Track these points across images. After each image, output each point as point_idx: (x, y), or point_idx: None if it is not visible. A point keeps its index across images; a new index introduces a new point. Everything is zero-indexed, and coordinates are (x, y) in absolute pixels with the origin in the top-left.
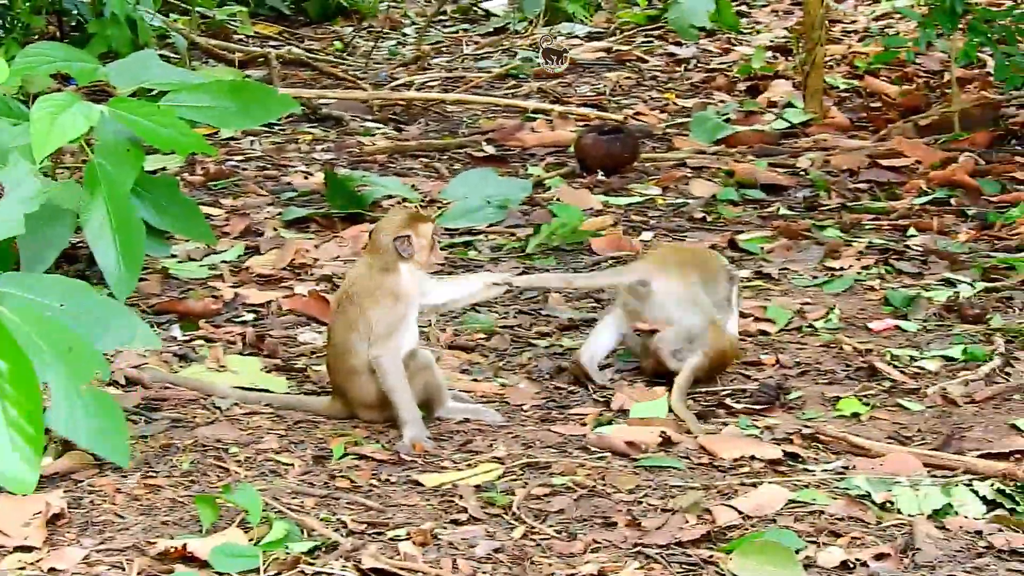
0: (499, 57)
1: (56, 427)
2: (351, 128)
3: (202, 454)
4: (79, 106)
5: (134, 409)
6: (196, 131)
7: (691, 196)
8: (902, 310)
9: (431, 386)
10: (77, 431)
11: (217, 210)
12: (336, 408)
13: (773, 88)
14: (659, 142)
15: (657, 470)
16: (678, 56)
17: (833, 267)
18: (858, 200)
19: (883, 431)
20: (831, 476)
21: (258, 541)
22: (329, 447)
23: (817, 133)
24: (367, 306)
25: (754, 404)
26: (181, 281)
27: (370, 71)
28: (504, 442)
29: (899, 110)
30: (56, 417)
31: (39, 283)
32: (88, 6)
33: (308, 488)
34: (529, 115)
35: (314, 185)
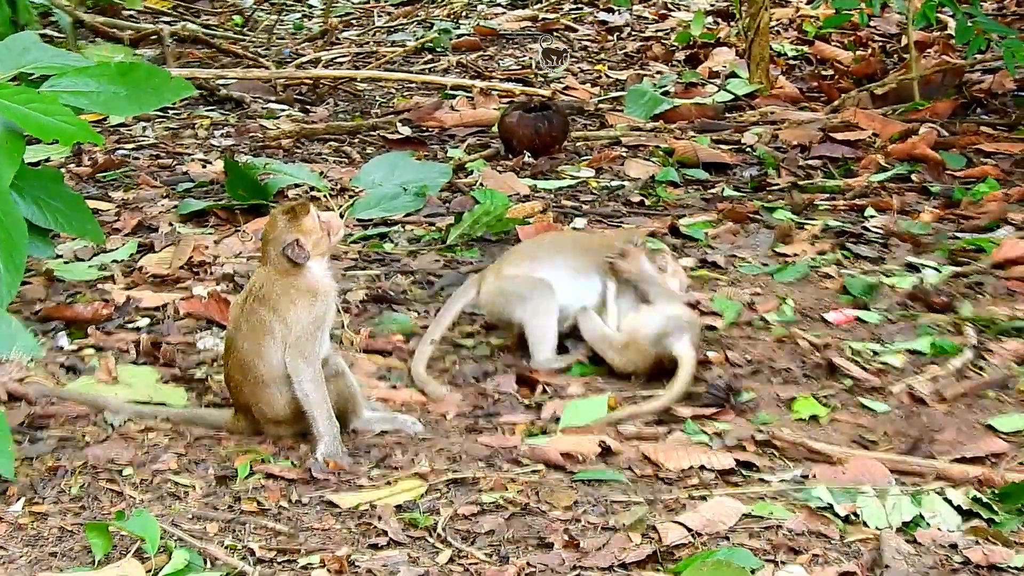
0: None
1: None
2: (253, 111)
3: (93, 477)
4: None
5: (18, 428)
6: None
7: (627, 177)
8: (862, 299)
9: (345, 395)
10: None
11: (106, 204)
12: (241, 423)
13: (715, 57)
14: (591, 119)
15: (596, 484)
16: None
17: (785, 253)
18: (810, 178)
19: (845, 435)
20: (789, 486)
21: (156, 572)
22: (233, 466)
23: (764, 105)
24: (282, 307)
25: (702, 407)
26: (68, 284)
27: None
28: (427, 456)
29: (853, 78)
30: None
31: None
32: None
33: (211, 512)
34: (448, 92)
35: (213, 174)
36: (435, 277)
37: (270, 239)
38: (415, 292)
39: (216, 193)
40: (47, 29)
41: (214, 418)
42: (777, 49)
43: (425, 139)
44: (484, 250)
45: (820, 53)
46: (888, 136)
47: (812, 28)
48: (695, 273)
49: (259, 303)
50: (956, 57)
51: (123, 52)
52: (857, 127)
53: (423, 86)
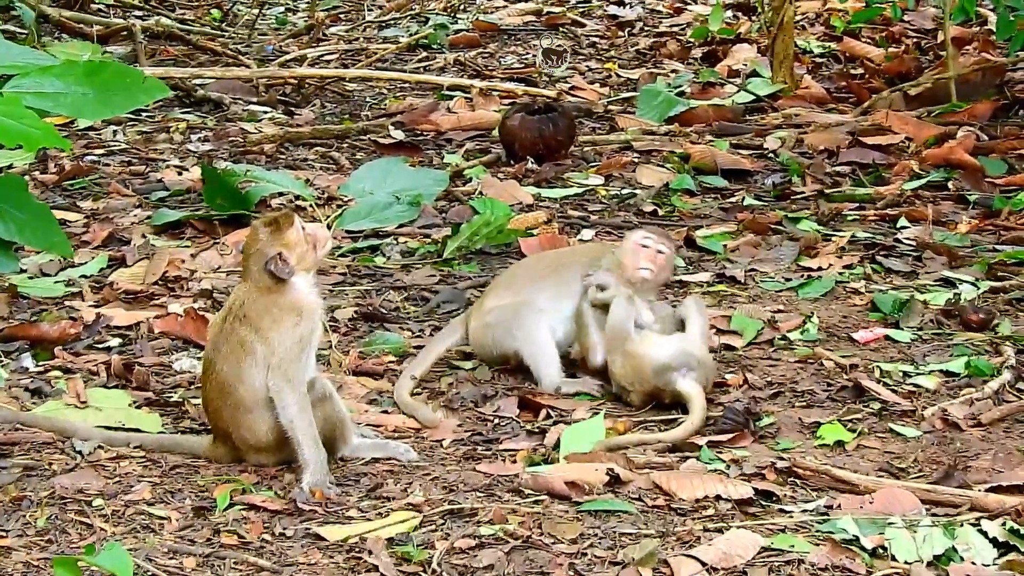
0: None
1: None
2: (232, 113)
3: (61, 508)
4: None
5: None
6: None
7: (639, 185)
8: (893, 317)
9: (333, 421)
10: None
11: (75, 215)
12: (220, 450)
13: (734, 54)
14: (600, 122)
15: (604, 515)
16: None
17: (810, 267)
18: (838, 186)
19: (873, 462)
20: (812, 517)
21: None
22: (212, 496)
23: (788, 107)
24: (265, 326)
25: (719, 432)
26: (33, 301)
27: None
28: (421, 485)
29: (885, 77)
30: None
31: None
32: None
33: (188, 546)
34: (445, 93)
35: (189, 182)
36: (430, 293)
37: (251, 253)
38: (409, 309)
39: (193, 202)
40: (8, 24)
41: (191, 445)
42: (802, 46)
43: (420, 144)
44: (484, 264)
45: (849, 50)
46: (923, 140)
47: (840, 23)
48: (712, 288)
49: (240, 322)
50: (997, 55)
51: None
52: (889, 130)
53: (417, 86)
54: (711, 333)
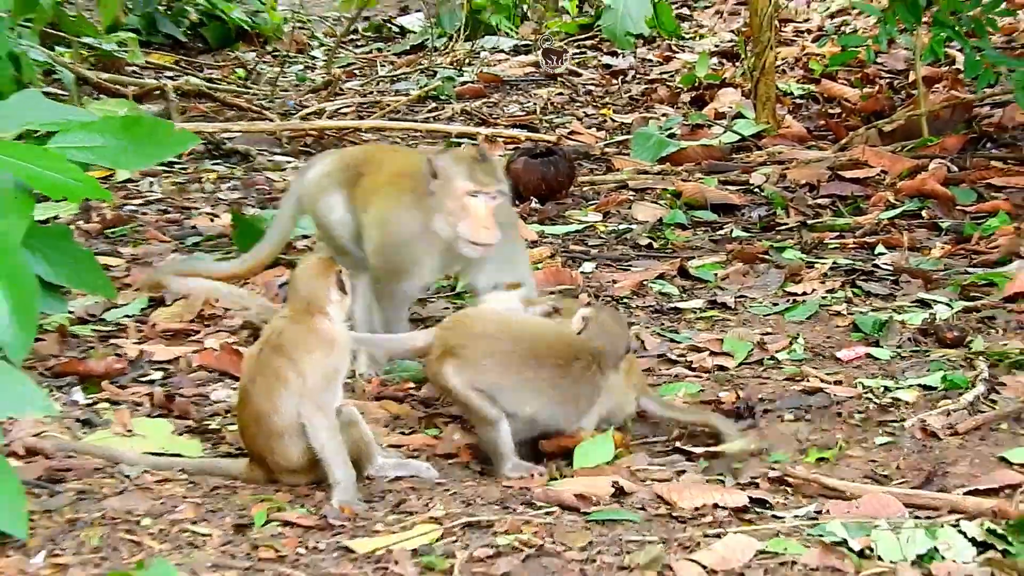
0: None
1: None
2: (259, 163)
3: (112, 528)
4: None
5: (36, 481)
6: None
7: (635, 221)
8: (873, 336)
9: (359, 443)
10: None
11: (116, 260)
12: (256, 472)
13: (720, 98)
14: (597, 163)
15: (610, 524)
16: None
17: (795, 292)
18: (819, 217)
19: (858, 470)
20: (803, 522)
21: None
22: (250, 514)
23: (771, 145)
24: (298, 356)
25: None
26: (81, 339)
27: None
28: (441, 500)
29: (861, 115)
30: None
31: None
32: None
33: (229, 560)
34: (453, 140)
35: (221, 228)
36: None
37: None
38: None
39: (224, 246)
40: (51, 87)
41: (229, 468)
42: (783, 88)
43: None
44: None
45: (827, 91)
46: (897, 173)
47: (818, 66)
48: (705, 314)
49: (275, 352)
50: (965, 92)
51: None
52: (866, 165)
53: (428, 134)
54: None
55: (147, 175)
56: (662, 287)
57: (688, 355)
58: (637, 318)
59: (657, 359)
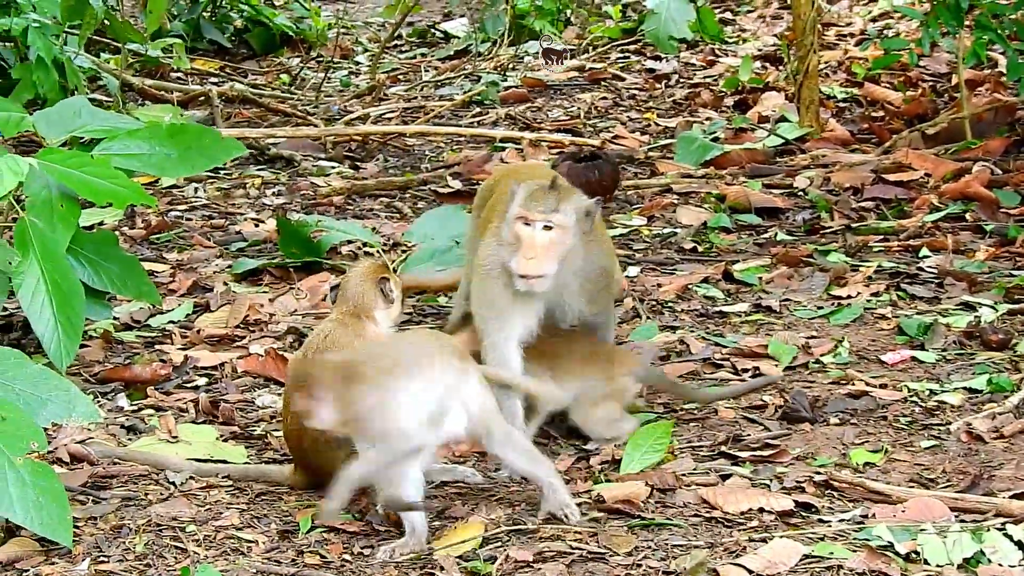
0: (461, 82)
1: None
2: (303, 169)
3: (157, 534)
4: (5, 160)
5: (81, 488)
6: (134, 181)
7: (679, 225)
8: (918, 339)
9: None
10: (11, 506)
11: (161, 266)
12: (301, 478)
13: (764, 101)
14: (641, 167)
15: (656, 528)
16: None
17: (839, 295)
18: (863, 220)
19: (904, 474)
20: (849, 526)
21: None
22: (295, 520)
23: (815, 148)
24: None
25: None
26: (126, 346)
27: (321, 105)
28: (486, 505)
29: (904, 119)
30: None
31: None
32: (12, 50)
33: (275, 567)
34: (497, 145)
35: (266, 233)
36: None
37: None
38: None
39: (269, 252)
40: (96, 93)
41: (274, 474)
42: (826, 92)
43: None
44: None
45: (870, 94)
46: (941, 176)
47: (861, 70)
48: (750, 318)
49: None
50: (1007, 94)
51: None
52: (909, 168)
53: (472, 139)
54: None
55: (192, 181)
56: (707, 291)
57: (732, 359)
58: (682, 322)
59: (702, 363)
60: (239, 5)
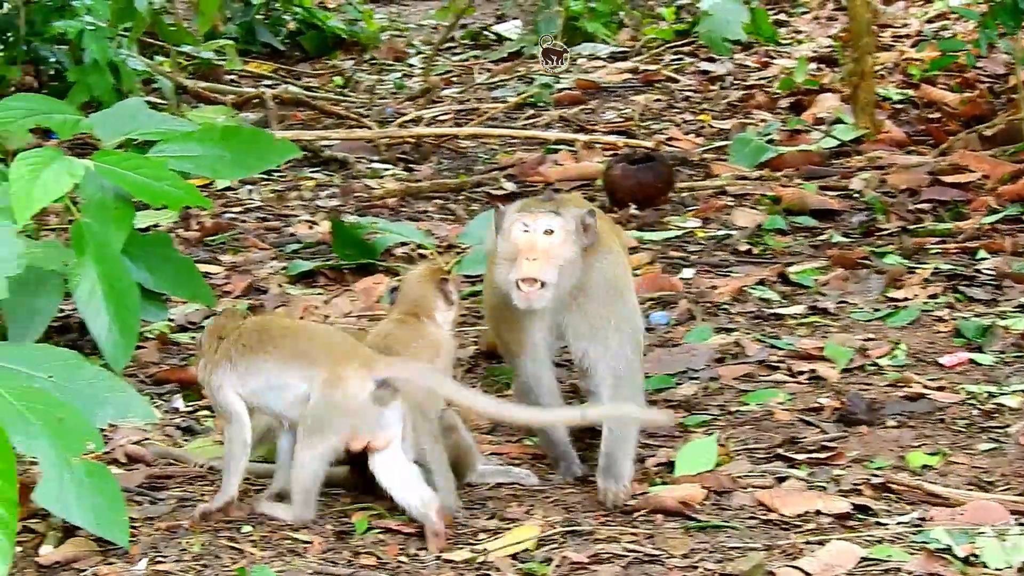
0: (515, 85)
1: (46, 502)
2: (357, 171)
3: (213, 535)
4: (62, 162)
5: (137, 489)
6: (189, 183)
7: (734, 227)
8: (976, 342)
9: (459, 449)
10: (68, 506)
11: (216, 267)
12: (357, 478)
13: (819, 103)
14: (696, 169)
15: (712, 531)
16: (712, 73)
17: (896, 298)
18: (920, 222)
19: (962, 477)
20: (907, 529)
21: None
22: (351, 521)
23: (871, 150)
24: None
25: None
26: (181, 347)
27: (374, 107)
28: (542, 507)
29: (961, 120)
30: (46, 492)
31: (27, 353)
32: (67, 53)
33: (331, 567)
34: (551, 147)
35: (320, 235)
36: None
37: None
38: None
39: (323, 253)
40: (150, 96)
41: (330, 474)
42: (882, 93)
43: (529, 194)
44: None
45: (926, 96)
46: (998, 177)
47: (917, 71)
48: (806, 320)
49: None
50: None
51: (226, 114)
52: (966, 169)
53: (526, 141)
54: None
55: (246, 183)
56: (762, 293)
57: (788, 361)
58: (737, 324)
59: (758, 365)
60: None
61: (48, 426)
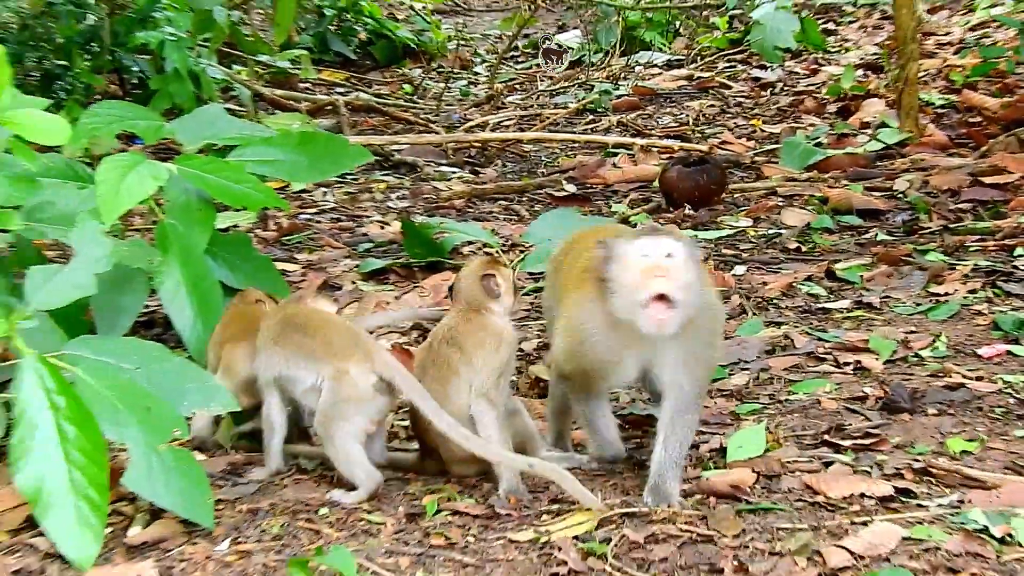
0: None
1: (135, 486)
2: (426, 174)
3: (292, 517)
4: (146, 166)
5: (220, 474)
6: (267, 185)
7: (784, 226)
8: (1013, 334)
9: (523, 434)
10: (156, 490)
11: (293, 266)
12: (427, 464)
13: (865, 108)
14: (747, 171)
15: (762, 513)
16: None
17: (937, 292)
18: (961, 221)
19: (999, 462)
20: (946, 511)
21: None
22: (422, 504)
23: (914, 153)
24: (470, 348)
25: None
26: None
27: (442, 113)
28: (601, 490)
29: (1000, 124)
30: (135, 476)
31: (115, 346)
32: (149, 62)
33: (403, 547)
34: (610, 150)
35: (391, 235)
36: None
37: (467, 272)
38: None
39: (394, 252)
40: (228, 103)
41: (401, 460)
42: (925, 98)
43: (590, 195)
44: None
45: (967, 101)
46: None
47: (959, 77)
48: (852, 314)
49: (447, 344)
50: None
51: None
52: (1005, 171)
53: (586, 145)
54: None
55: (321, 186)
56: (810, 288)
57: (835, 352)
58: (786, 318)
59: (806, 356)
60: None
61: (136, 415)
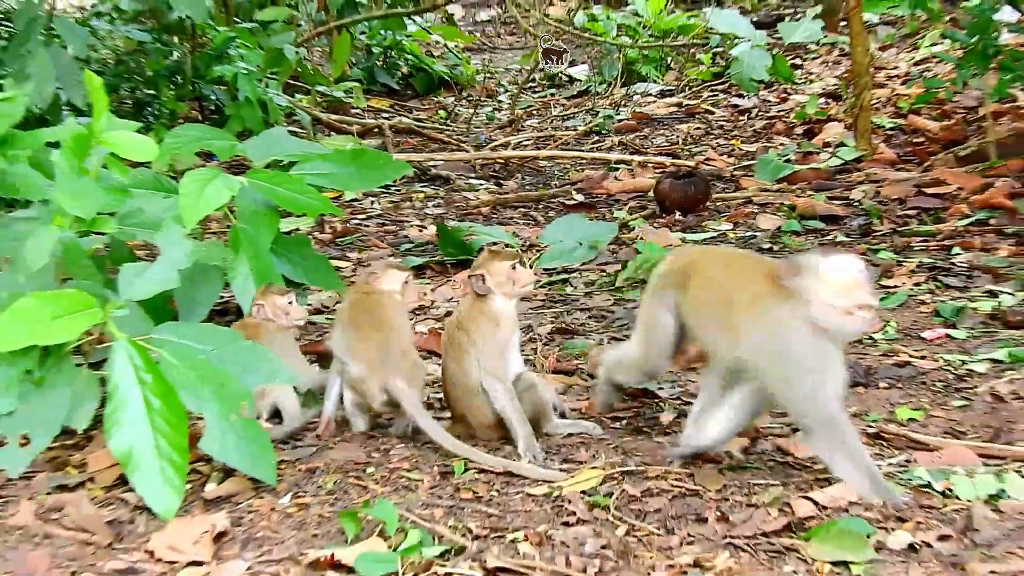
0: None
1: (210, 451)
2: (457, 185)
3: (343, 475)
4: (221, 179)
5: (282, 438)
6: (324, 195)
7: (759, 229)
8: (951, 320)
9: (538, 405)
10: (228, 454)
11: (345, 263)
12: (458, 429)
13: (827, 130)
14: (728, 183)
15: (740, 471)
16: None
17: (888, 285)
18: (907, 225)
19: (939, 428)
20: (896, 469)
21: (396, 548)
22: (452, 465)
23: (868, 168)
24: (471, 329)
25: None
26: (317, 326)
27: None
28: (605, 452)
29: (940, 143)
30: (210, 443)
31: (194, 331)
32: (225, 92)
33: (437, 500)
34: (612, 166)
35: (428, 237)
36: (607, 313)
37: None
38: (591, 325)
39: (431, 251)
40: (291, 126)
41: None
42: (877, 122)
43: (595, 203)
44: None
45: (913, 124)
46: (970, 189)
47: (906, 104)
48: None
49: (458, 328)
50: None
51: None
52: (944, 183)
53: (592, 161)
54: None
55: (369, 195)
56: None
57: None
58: None
59: None
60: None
61: (211, 389)
